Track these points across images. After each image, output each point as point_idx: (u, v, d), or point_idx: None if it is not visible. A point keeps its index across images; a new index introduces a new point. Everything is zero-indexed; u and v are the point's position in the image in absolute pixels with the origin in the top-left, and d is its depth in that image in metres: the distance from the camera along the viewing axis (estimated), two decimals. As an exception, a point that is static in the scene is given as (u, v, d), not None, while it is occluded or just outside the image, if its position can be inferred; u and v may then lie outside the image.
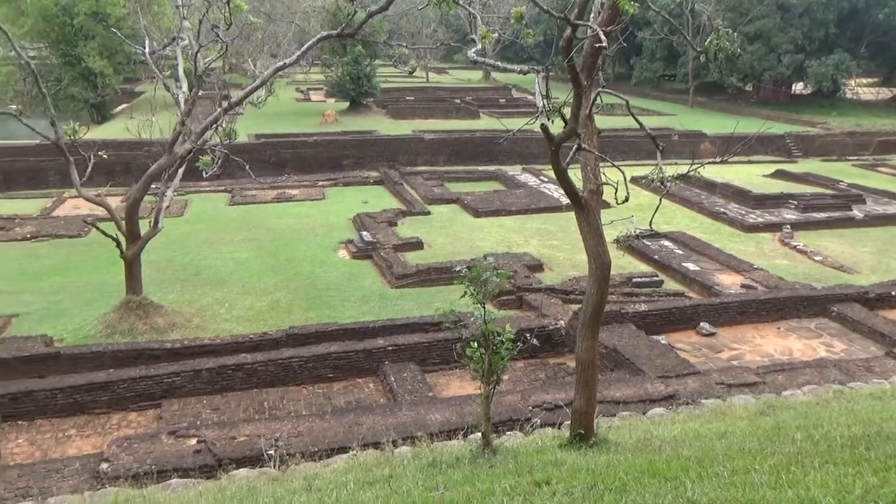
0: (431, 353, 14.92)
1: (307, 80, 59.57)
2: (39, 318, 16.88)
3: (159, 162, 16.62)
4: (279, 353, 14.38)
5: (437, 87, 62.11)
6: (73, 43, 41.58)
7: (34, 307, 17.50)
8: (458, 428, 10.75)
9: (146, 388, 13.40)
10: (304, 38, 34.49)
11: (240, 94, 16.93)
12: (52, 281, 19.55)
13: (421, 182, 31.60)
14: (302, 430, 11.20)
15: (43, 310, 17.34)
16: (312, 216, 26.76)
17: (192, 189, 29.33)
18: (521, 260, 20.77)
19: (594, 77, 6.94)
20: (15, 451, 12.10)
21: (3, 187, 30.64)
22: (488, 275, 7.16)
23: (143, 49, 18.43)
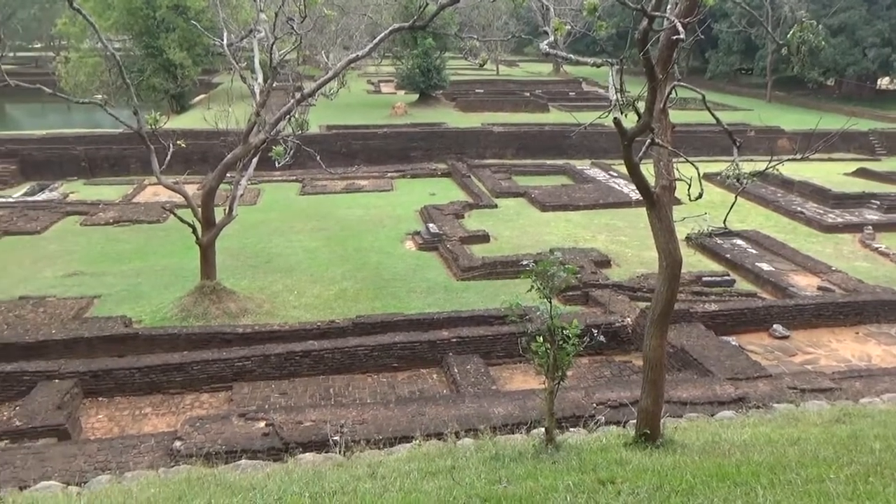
0: (495, 346, 14.91)
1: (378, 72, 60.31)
2: (120, 299, 17.71)
3: (235, 151, 17.11)
4: (345, 342, 14.65)
5: (507, 80, 61.75)
6: (155, 35, 43.30)
7: (115, 289, 18.38)
8: (520, 422, 10.70)
9: (218, 370, 13.89)
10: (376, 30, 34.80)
11: (313, 85, 17.26)
12: (132, 264, 20.46)
13: (488, 175, 31.52)
14: (366, 418, 11.38)
15: (123, 292, 18.19)
16: (380, 207, 27.09)
17: (265, 178, 30.12)
18: (587, 255, 20.47)
19: (669, 70, 6.74)
20: (95, 426, 12.76)
21: (89, 174, 32.23)
22: (555, 270, 7.08)
23: (221, 41, 18.96)
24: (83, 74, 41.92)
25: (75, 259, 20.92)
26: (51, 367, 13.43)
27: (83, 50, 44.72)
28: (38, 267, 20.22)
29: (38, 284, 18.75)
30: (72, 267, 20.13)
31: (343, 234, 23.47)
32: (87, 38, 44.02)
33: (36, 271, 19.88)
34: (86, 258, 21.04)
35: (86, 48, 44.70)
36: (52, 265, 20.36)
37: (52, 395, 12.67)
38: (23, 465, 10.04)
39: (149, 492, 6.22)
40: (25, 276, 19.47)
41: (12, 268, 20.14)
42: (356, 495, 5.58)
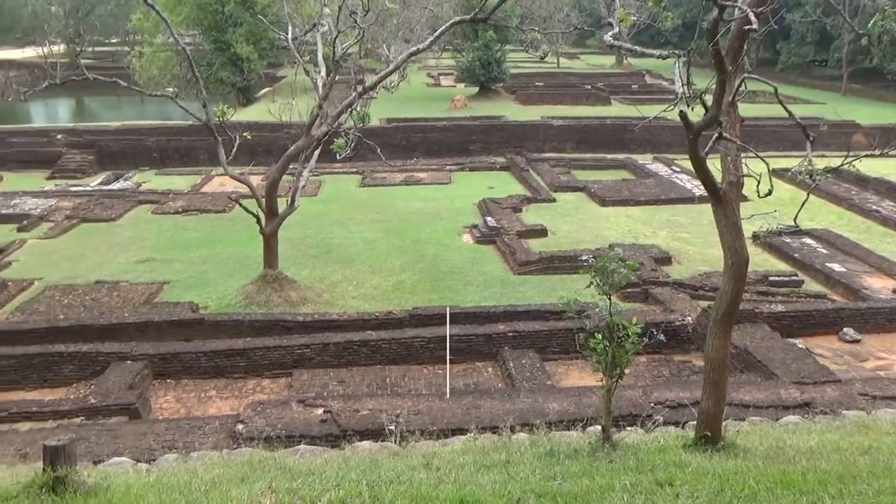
0: (552, 341, 14.81)
1: (438, 65, 60.44)
2: (187, 286, 18.35)
3: (297, 143, 17.46)
4: (402, 333, 14.81)
5: (568, 73, 60.96)
6: (223, 29, 44.47)
7: (183, 275, 19.05)
8: (576, 419, 10.61)
9: (279, 357, 14.25)
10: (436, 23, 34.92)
11: (374, 78, 17.44)
12: (199, 252, 21.16)
13: (547, 169, 31.23)
14: (421, 409, 11.49)
15: (190, 278, 18.84)
16: (439, 200, 27.20)
17: (326, 170, 30.61)
18: (648, 252, 20.07)
19: (739, 62, 6.54)
20: (163, 407, 13.29)
21: (160, 164, 33.43)
22: (615, 266, 6.99)
23: (286, 35, 19.34)
24: (156, 68, 43.45)
25: (147, 246, 21.77)
26: (123, 349, 14.07)
27: (156, 45, 46.36)
28: (113, 253, 21.13)
29: (113, 269, 19.61)
30: (143, 253, 20.97)
31: (401, 226, 23.67)
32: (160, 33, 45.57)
33: (111, 257, 20.79)
34: (156, 245, 21.86)
35: (158, 43, 46.33)
36: (126, 251, 21.25)
37: (125, 376, 13.26)
38: (97, 441, 10.55)
39: (213, 472, 6.44)
40: (101, 261, 20.38)
41: (89, 253, 21.10)
42: (412, 485, 5.64)
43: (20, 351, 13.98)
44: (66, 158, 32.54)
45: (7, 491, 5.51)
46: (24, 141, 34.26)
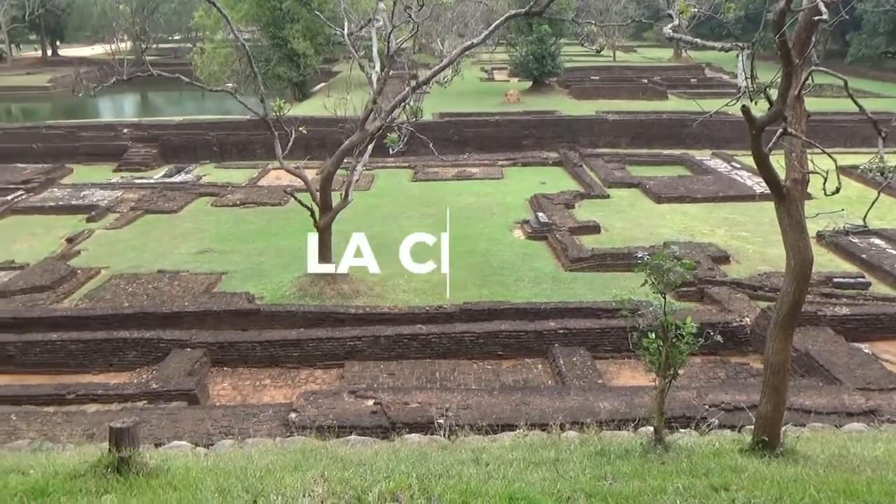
0: (603, 339, 14.63)
1: (492, 59, 60.19)
2: (244, 276, 18.79)
3: (352, 138, 17.65)
4: (452, 327, 14.86)
5: (624, 66, 59.94)
6: (281, 26, 45.32)
7: (240, 266, 19.52)
8: (627, 419, 10.46)
9: (331, 348, 14.49)
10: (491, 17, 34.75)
11: (427, 73, 17.48)
12: (256, 244, 21.64)
13: (601, 164, 30.77)
14: (470, 404, 11.51)
15: (247, 269, 19.29)
16: (490, 195, 27.12)
17: (379, 164, 30.88)
18: (704, 250, 19.59)
19: (807, 54, 6.30)
20: (220, 393, 13.67)
21: (219, 158, 34.30)
22: (671, 264, 6.85)
23: (342, 30, 19.55)
24: (216, 64, 44.60)
25: (206, 237, 22.38)
26: (183, 337, 14.53)
27: (216, 41, 47.59)
28: (175, 243, 21.80)
29: (174, 260, 20.24)
30: (203, 244, 21.57)
31: (453, 221, 23.65)
32: (220, 29, 46.77)
33: (172, 247, 21.46)
34: (215, 237, 22.46)
35: (219, 39, 47.55)
36: (186, 242, 21.90)
37: (184, 363, 13.69)
38: (158, 425, 10.94)
39: (268, 459, 6.60)
40: (163, 251, 21.06)
41: (152, 244, 21.83)
42: (461, 479, 5.66)
43: (88, 336, 14.60)
44: (131, 152, 33.72)
45: (76, 469, 5.76)
46: (93, 135, 35.65)
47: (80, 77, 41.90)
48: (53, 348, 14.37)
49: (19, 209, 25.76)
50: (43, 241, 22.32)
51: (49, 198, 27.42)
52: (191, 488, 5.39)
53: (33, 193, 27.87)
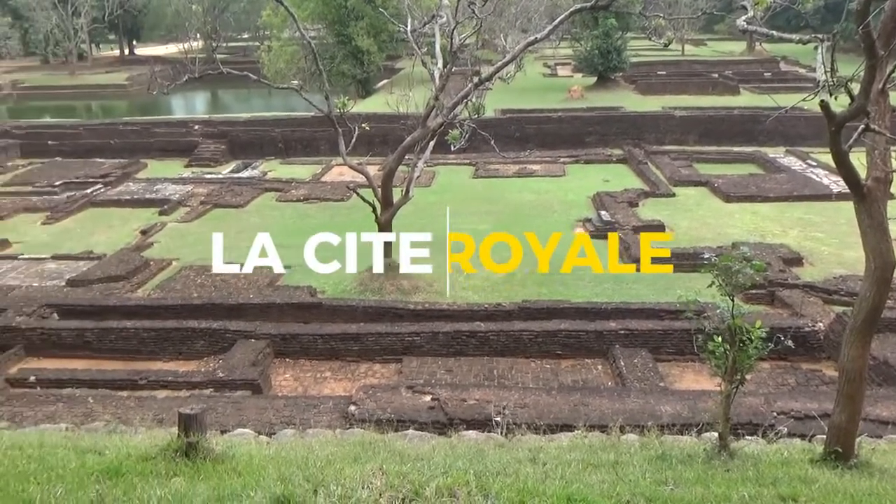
0: (666, 341, 14.29)
1: (555, 54, 59.54)
2: (306, 270, 19.07)
3: (413, 135, 17.77)
4: (511, 325, 14.78)
5: (693, 61, 58.23)
6: (346, 23, 45.98)
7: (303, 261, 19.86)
8: (690, 423, 10.16)
9: (390, 343, 14.63)
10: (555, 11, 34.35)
11: (490, 69, 17.42)
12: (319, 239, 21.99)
13: (667, 162, 30.03)
14: (528, 402, 11.43)
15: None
16: (551, 192, 26.85)
17: (440, 161, 30.95)
18: (775, 251, 18.88)
19: (893, 46, 5.96)
20: (282, 384, 14.00)
21: (284, 154, 35.07)
22: (740, 266, 6.62)
23: (405, 27, 19.69)
24: (282, 62, 45.61)
25: (271, 231, 22.75)
26: (248, 328, 14.94)
27: (283, 39, 48.67)
28: (241, 237, 22.40)
29: (240, 253, 20.77)
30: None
31: (513, 218, 23.56)
32: (287, 27, 47.81)
33: (239, 241, 22.02)
34: (279, 231, 22.92)
35: (285, 37, 48.61)
36: (252, 236, 22.43)
37: (249, 353, 14.08)
38: (223, 412, 11.28)
39: (328, 450, 6.71)
40: (230, 244, 21.58)
41: (219, 237, 22.50)
42: (518, 478, 5.62)
43: (159, 325, 15.18)
44: (201, 148, 34.85)
45: (147, 452, 6.01)
46: (166, 131, 37.06)
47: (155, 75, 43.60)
48: (127, 335, 15.01)
49: (98, 202, 27.00)
50: (119, 233, 23.33)
51: (125, 191, 28.65)
52: (254, 475, 5.53)
53: (111, 187, 29.18)
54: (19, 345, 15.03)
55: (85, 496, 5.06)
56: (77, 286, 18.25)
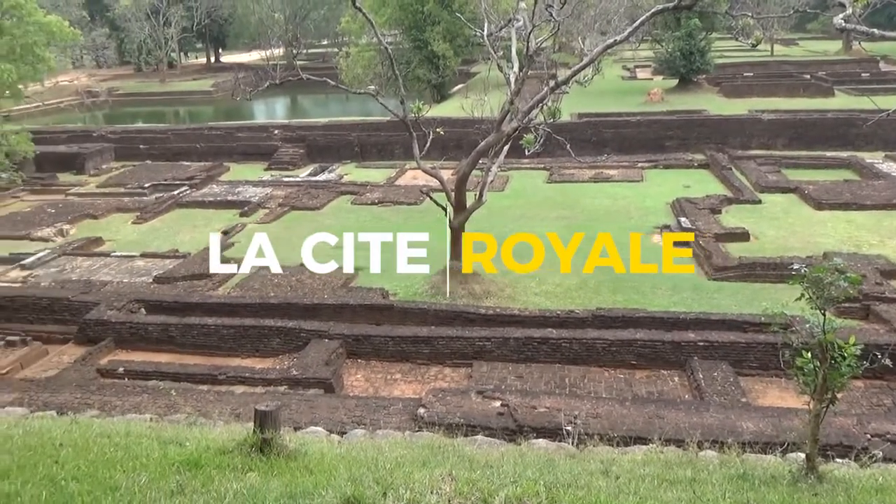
0: (748, 354, 13.70)
1: (635, 56, 58.26)
2: (379, 273, 19.35)
3: (488, 139, 17.71)
4: (584, 333, 14.50)
5: (783, 61, 55.74)
6: (422, 28, 46.45)
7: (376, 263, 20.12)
8: (774, 442, 9.69)
9: (460, 347, 14.61)
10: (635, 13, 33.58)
11: (567, 73, 17.16)
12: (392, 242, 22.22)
13: (753, 167, 28.81)
14: (600, 413, 11.17)
15: (382, 266, 19.82)
16: (628, 198, 26.25)
17: (514, 165, 30.79)
18: (872, 263, 17.80)
19: None
20: (354, 384, 14.20)
21: (360, 158, 35.70)
22: (833, 277, 6.24)
23: (482, 31, 19.66)
24: (360, 67, 46.47)
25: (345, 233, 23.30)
26: (322, 328, 15.25)
27: (361, 45, 49.64)
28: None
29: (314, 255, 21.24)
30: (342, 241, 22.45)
31: (588, 224, 23.15)
32: (365, 33, 48.73)
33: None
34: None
35: (363, 43, 49.55)
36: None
37: (322, 353, 14.36)
38: (297, 410, 11.53)
39: (397, 452, 6.72)
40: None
41: (296, 239, 22.97)
42: (590, 491, 5.46)
43: (238, 322, 15.70)
44: (280, 151, 35.93)
45: (224, 446, 6.19)
46: (248, 135, 38.39)
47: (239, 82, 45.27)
48: (208, 332, 15.58)
49: (184, 203, 28.24)
50: (202, 233, 24.28)
51: (209, 193, 29.84)
52: (325, 474, 5.59)
53: (195, 189, 30.46)
54: (110, 337, 15.86)
55: (166, 485, 5.24)
56: (163, 283, 19.12)
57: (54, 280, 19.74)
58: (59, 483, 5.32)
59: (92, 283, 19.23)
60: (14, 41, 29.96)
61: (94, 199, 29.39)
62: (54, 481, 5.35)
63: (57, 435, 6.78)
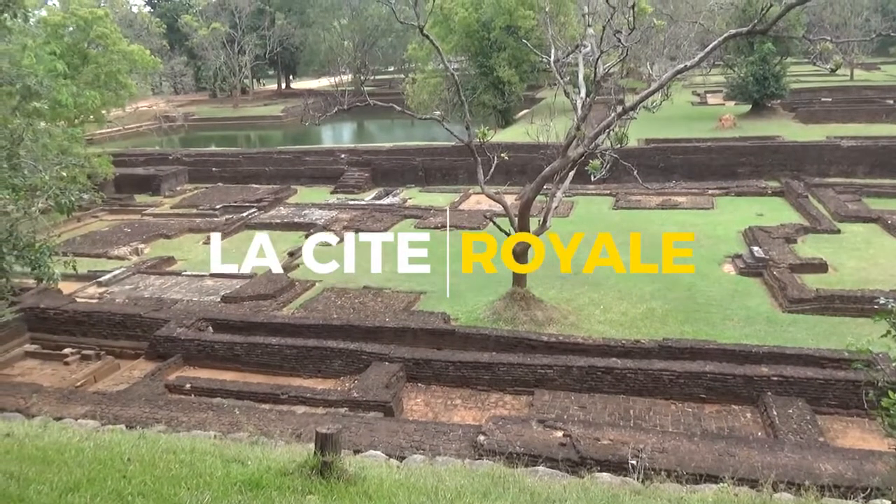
0: (826, 392, 12.99)
1: (705, 82, 57.09)
2: (441, 297, 19.38)
3: (553, 165, 17.56)
4: (650, 364, 14.06)
5: (863, 86, 53.51)
6: (488, 55, 46.85)
7: (438, 287, 20.18)
8: (855, 486, 9.12)
9: (521, 374, 14.38)
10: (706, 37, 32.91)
11: (635, 98, 16.92)
12: (454, 266, 22.24)
13: (831, 196, 27.62)
14: (667, 447, 10.75)
15: (444, 290, 19.86)
16: (697, 226, 25.52)
17: (579, 191, 30.46)
18: (962, 298, 16.69)
19: None
20: (413, 408, 14.13)
21: (424, 182, 36.02)
22: (924, 313, 5.85)
23: (548, 57, 19.63)
24: (426, 93, 47.14)
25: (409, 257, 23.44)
26: (383, 351, 15.28)
27: (427, 71, 50.37)
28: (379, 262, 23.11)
29: (378, 277, 21.47)
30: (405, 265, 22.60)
31: (655, 252, 22.59)
32: (431, 60, 49.47)
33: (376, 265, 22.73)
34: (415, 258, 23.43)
35: (429, 70, 50.28)
36: (390, 261, 23.11)
37: (382, 376, 14.37)
38: (356, 432, 11.53)
39: (457, 480, 6.58)
40: (369, 268, 22.43)
41: (361, 261, 23.33)
42: (659, 533, 5.20)
43: (301, 343, 15.90)
44: (346, 175, 36.63)
45: (285, 467, 6.20)
46: (315, 159, 39.33)
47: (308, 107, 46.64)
48: (272, 351, 15.85)
49: (252, 224, 29.05)
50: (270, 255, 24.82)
51: (276, 215, 30.63)
52: (384, 500, 5.52)
53: (264, 211, 31.33)
54: (178, 354, 16.33)
55: (228, 505, 5.27)
56: (230, 302, 19.61)
57: (128, 297, 20.55)
58: (126, 498, 5.42)
59: (163, 300, 19.92)
60: (99, 69, 31.74)
61: (167, 220, 30.60)
62: (122, 496, 5.46)
63: (125, 449, 6.95)
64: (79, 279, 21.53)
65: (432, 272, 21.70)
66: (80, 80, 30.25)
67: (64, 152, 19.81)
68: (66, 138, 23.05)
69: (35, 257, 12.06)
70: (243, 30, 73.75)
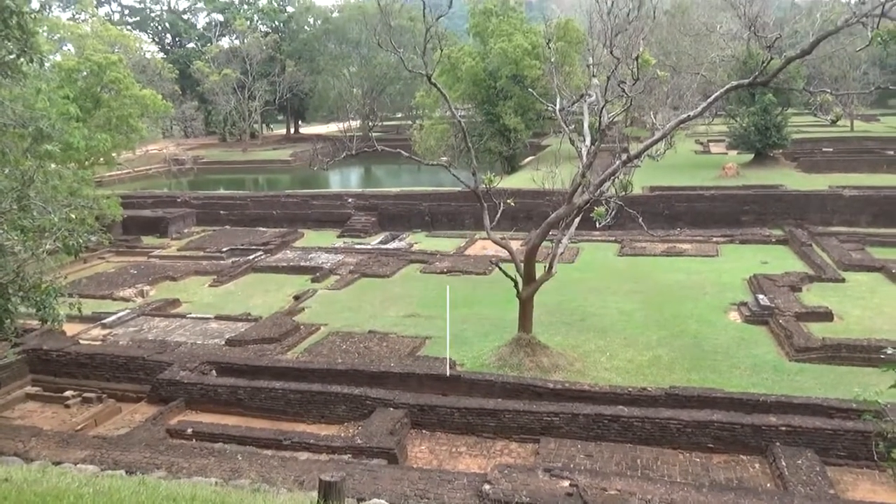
0: (836, 442, 12.79)
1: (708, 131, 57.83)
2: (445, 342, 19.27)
3: (558, 211, 17.70)
4: (657, 412, 13.91)
5: (864, 137, 54.11)
6: (494, 103, 47.71)
7: (443, 332, 20.08)
8: (869, 543, 8.90)
9: (527, 422, 14.22)
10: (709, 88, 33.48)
11: (639, 146, 17.14)
12: (459, 311, 22.17)
13: (835, 244, 27.67)
14: (675, 498, 10.56)
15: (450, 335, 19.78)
16: (703, 273, 25.53)
17: (585, 238, 30.55)
18: (971, 349, 16.55)
19: None
20: (418, 455, 13.95)
21: (430, 227, 36.24)
22: (933, 364, 5.82)
23: (554, 106, 19.97)
24: (433, 139, 47.80)
25: (413, 302, 23.50)
26: (388, 396, 15.17)
27: (434, 118, 51.22)
28: (385, 306, 23.16)
29: (384, 322, 21.45)
30: (411, 309, 22.64)
31: (660, 299, 22.58)
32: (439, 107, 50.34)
33: (383, 310, 22.80)
34: (422, 302, 23.48)
35: (436, 117, 51.13)
36: (396, 305, 23.15)
37: (387, 422, 14.23)
38: (360, 480, 11.36)
39: (461, 532, 6.49)
40: (374, 313, 22.45)
41: (366, 305, 23.40)
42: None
43: (305, 387, 15.80)
44: (353, 219, 36.91)
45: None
46: (323, 203, 39.72)
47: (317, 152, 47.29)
48: (275, 396, 15.74)
49: (258, 267, 29.17)
50: (275, 297, 24.91)
51: (282, 258, 30.77)
52: (387, 551, 5.43)
53: (270, 254, 31.47)
54: (181, 398, 16.22)
55: (229, 555, 5.19)
56: (234, 346, 19.57)
57: (132, 339, 20.52)
58: (126, 545, 5.35)
59: (167, 343, 19.89)
60: (111, 112, 32.37)
61: (174, 262, 30.76)
62: (123, 543, 5.39)
63: (125, 496, 6.87)
64: (83, 321, 21.56)
65: (438, 317, 21.67)
66: (91, 124, 30.83)
67: (73, 194, 20.04)
68: (76, 180, 23.34)
69: (41, 299, 12.13)
70: (254, 76, 75.33)
